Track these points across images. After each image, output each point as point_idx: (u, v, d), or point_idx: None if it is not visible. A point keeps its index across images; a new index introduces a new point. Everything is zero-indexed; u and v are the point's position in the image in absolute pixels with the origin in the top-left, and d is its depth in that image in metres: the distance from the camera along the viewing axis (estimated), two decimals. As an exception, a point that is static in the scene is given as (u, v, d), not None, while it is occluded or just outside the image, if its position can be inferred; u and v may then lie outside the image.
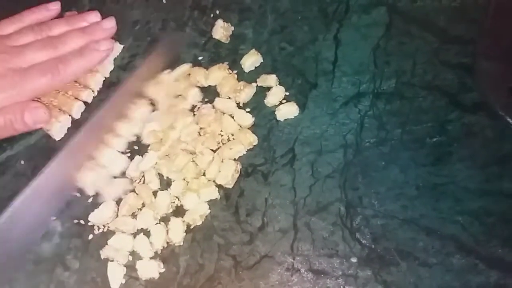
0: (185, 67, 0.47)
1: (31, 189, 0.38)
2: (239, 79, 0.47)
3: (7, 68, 0.43)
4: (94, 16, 0.49)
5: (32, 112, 0.42)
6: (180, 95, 0.46)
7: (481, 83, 0.44)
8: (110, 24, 0.48)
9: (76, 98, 0.46)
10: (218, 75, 0.47)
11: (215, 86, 0.47)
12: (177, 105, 0.45)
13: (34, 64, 0.44)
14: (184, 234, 0.40)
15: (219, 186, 0.42)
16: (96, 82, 0.47)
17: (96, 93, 0.47)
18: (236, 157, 0.43)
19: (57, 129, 0.44)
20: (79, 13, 0.50)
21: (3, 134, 0.43)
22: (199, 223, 0.41)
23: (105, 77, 0.47)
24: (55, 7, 0.49)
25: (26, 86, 0.43)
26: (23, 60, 0.44)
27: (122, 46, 0.49)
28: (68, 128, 0.45)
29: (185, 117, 0.44)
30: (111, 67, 0.48)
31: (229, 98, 0.46)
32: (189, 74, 0.47)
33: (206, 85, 0.47)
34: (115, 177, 0.43)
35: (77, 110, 0.45)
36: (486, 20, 0.44)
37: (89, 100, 0.46)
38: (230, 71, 0.47)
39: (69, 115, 0.45)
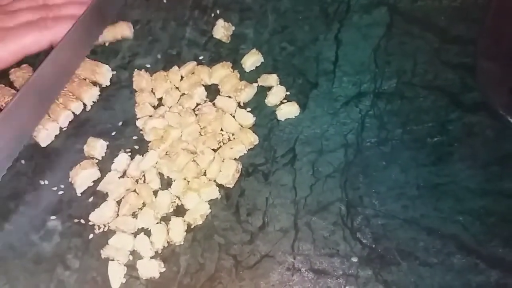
0: (191, 65, 0.47)
1: None
2: (240, 79, 0.47)
3: None
4: None
5: None
6: (185, 94, 0.46)
7: (482, 83, 0.44)
8: None
9: (65, 108, 0.45)
10: (221, 73, 0.47)
11: (217, 84, 0.47)
12: (183, 103, 0.46)
13: (23, 22, 0.43)
14: (185, 233, 0.40)
15: (220, 186, 0.42)
16: (90, 96, 0.46)
17: (89, 107, 0.46)
18: (237, 157, 0.43)
19: (44, 136, 0.44)
20: None
21: None
22: (200, 222, 0.41)
23: (93, 102, 0.47)
24: None
25: (11, 41, 0.42)
26: (15, 20, 0.43)
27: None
28: (56, 135, 0.45)
29: (188, 116, 0.44)
30: (110, 74, 0.48)
31: (230, 97, 0.46)
32: (193, 73, 0.47)
33: (209, 83, 0.47)
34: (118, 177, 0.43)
35: (65, 119, 0.45)
36: (487, 20, 0.44)
37: (78, 112, 0.46)
38: (233, 70, 0.47)
39: (57, 123, 0.45)
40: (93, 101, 0.47)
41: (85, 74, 0.47)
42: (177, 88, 0.47)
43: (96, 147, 0.43)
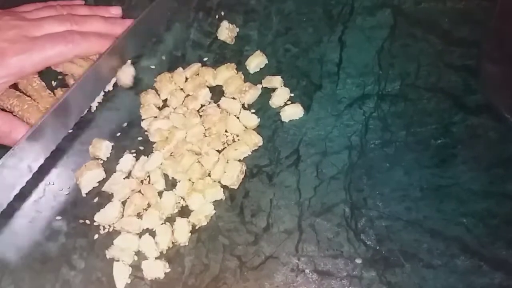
0: (196, 67, 0.48)
1: None
2: (244, 80, 0.47)
3: (21, 35, 0.42)
4: (116, 10, 0.49)
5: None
6: (190, 95, 0.47)
7: (485, 85, 0.45)
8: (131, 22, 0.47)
9: None
10: (226, 74, 0.47)
11: (221, 86, 0.47)
12: (187, 105, 0.46)
13: (49, 33, 0.43)
14: (189, 234, 0.40)
15: (224, 187, 0.42)
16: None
17: (94, 108, 0.47)
18: (241, 158, 0.44)
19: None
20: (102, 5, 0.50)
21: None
22: (204, 223, 0.41)
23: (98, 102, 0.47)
24: (79, 1, 0.50)
25: (36, 51, 0.42)
26: (38, 29, 0.43)
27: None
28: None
29: (193, 117, 0.44)
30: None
31: (234, 98, 0.46)
32: (198, 74, 0.48)
33: (214, 84, 0.47)
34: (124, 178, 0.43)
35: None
36: (491, 22, 0.44)
37: (83, 114, 0.46)
38: (237, 72, 0.47)
39: None
40: (98, 102, 0.47)
41: None
42: (181, 89, 0.47)
43: (101, 148, 0.44)
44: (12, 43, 0.42)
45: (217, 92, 0.47)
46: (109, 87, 0.48)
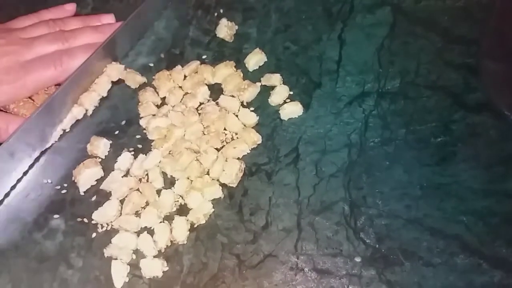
0: (194, 64, 0.47)
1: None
2: (243, 78, 0.47)
3: (15, 61, 0.43)
4: (109, 18, 0.49)
5: None
6: (188, 93, 0.46)
7: (486, 83, 0.44)
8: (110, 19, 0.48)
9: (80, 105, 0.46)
10: (224, 72, 0.47)
11: (220, 83, 0.47)
12: (186, 103, 0.46)
13: (39, 56, 0.44)
14: (188, 232, 0.40)
15: (223, 185, 0.42)
16: (91, 101, 0.46)
17: (90, 111, 0.46)
18: (240, 156, 0.43)
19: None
20: (95, 14, 0.50)
21: None
22: (203, 222, 0.41)
23: (102, 96, 0.47)
24: (71, 8, 0.50)
25: (29, 78, 0.43)
26: (31, 52, 0.44)
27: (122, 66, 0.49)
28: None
29: (192, 115, 0.44)
30: (109, 86, 0.47)
31: (233, 96, 0.46)
32: (196, 72, 0.47)
33: (213, 82, 0.47)
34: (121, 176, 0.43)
35: (68, 122, 0.45)
36: (491, 20, 0.44)
37: (80, 117, 0.46)
38: (236, 69, 0.47)
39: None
40: (94, 106, 0.47)
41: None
42: (180, 87, 0.47)
43: (100, 146, 0.43)
44: (6, 73, 0.43)
45: (216, 90, 0.47)
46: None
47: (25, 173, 0.44)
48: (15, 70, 0.43)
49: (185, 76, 0.48)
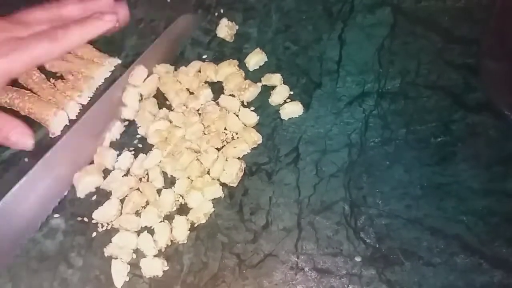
0: (197, 64, 0.47)
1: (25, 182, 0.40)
2: (244, 78, 0.47)
3: (8, 37, 0.42)
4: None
5: (19, 135, 0.42)
6: (192, 94, 0.46)
7: (486, 83, 0.44)
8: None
9: (72, 99, 0.46)
10: (227, 70, 0.47)
11: (221, 82, 0.47)
12: (188, 103, 0.46)
13: (35, 32, 0.43)
14: (188, 232, 0.40)
15: (223, 185, 0.42)
16: (89, 87, 0.47)
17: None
18: (241, 156, 0.43)
19: (55, 125, 0.44)
20: None
21: None
22: (203, 221, 0.41)
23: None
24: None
25: (23, 53, 0.42)
26: (26, 29, 0.43)
27: (119, 61, 0.49)
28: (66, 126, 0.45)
29: (192, 116, 0.44)
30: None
31: (233, 95, 0.46)
32: (199, 71, 0.47)
33: (215, 80, 0.47)
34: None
35: (72, 109, 0.46)
36: (491, 21, 0.44)
37: (85, 102, 0.46)
38: (238, 69, 0.47)
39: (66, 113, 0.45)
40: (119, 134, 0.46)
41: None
42: (187, 89, 0.47)
43: (107, 156, 0.43)
44: None
45: (217, 89, 0.47)
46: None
47: (25, 172, 0.43)
48: (9, 44, 0.42)
49: (189, 75, 0.47)
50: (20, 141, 0.42)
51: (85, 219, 0.41)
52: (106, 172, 0.43)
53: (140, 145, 0.44)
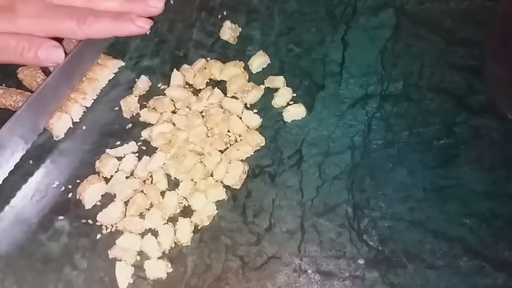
0: (202, 62, 0.48)
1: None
2: (247, 80, 0.47)
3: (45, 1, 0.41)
4: None
5: (49, 49, 0.41)
6: (196, 96, 0.46)
7: (489, 85, 0.44)
8: (157, 3, 0.46)
9: (76, 102, 0.46)
10: (232, 71, 0.47)
11: (225, 83, 0.47)
12: (191, 106, 0.46)
13: (68, 5, 0.43)
14: (192, 234, 0.40)
15: (227, 187, 0.42)
16: (94, 89, 0.47)
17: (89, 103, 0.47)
18: (244, 158, 0.43)
19: (59, 128, 0.45)
20: None
21: (8, 58, 0.42)
22: (207, 223, 0.41)
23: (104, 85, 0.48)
24: None
25: (48, 22, 0.41)
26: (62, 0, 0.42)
27: (123, 63, 0.49)
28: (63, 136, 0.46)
29: (196, 118, 0.44)
30: (110, 76, 0.48)
31: (236, 97, 0.46)
32: (205, 69, 0.48)
33: (219, 79, 0.47)
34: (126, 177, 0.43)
35: (76, 112, 0.46)
36: (494, 23, 0.44)
37: (89, 104, 0.47)
38: (243, 71, 0.47)
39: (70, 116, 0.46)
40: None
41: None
42: (191, 85, 0.47)
43: (108, 165, 0.43)
44: (25, 3, 0.40)
45: (220, 89, 0.47)
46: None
47: (30, 174, 0.44)
48: (40, 8, 0.41)
49: (194, 74, 0.48)
50: (50, 55, 0.41)
51: (90, 221, 0.41)
52: (107, 179, 0.43)
53: (144, 148, 0.45)
